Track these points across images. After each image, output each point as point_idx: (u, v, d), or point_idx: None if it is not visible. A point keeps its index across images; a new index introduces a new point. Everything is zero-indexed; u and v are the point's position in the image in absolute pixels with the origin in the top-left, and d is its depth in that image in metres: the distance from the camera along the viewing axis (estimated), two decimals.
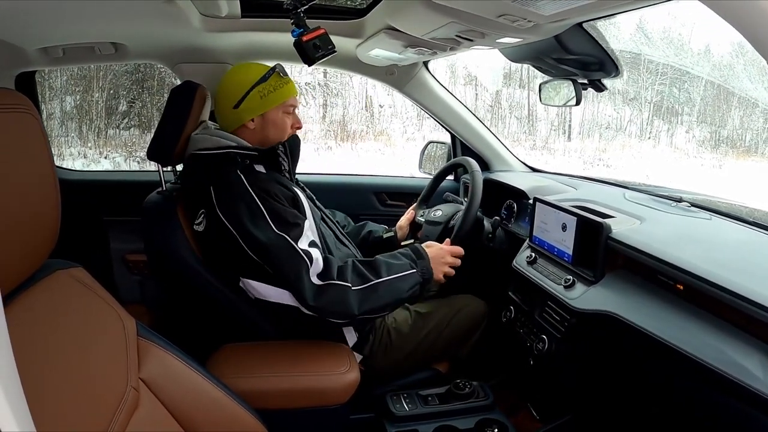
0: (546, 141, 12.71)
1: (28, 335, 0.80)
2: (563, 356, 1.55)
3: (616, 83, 12.88)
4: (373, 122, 12.55)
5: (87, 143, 10.01)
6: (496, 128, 12.53)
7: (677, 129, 12.81)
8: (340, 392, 1.48)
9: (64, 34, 1.93)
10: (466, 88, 13.02)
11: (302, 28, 1.45)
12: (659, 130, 12.87)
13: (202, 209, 1.60)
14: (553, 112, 12.76)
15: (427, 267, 1.61)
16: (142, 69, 10.09)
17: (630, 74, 12.78)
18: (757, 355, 1.01)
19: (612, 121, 12.97)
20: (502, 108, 13.06)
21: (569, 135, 12.85)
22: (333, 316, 1.50)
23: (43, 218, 0.85)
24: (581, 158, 12.10)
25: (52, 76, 9.69)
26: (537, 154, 12.06)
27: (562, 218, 1.60)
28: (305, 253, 1.48)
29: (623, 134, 12.87)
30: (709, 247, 1.33)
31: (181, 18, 1.70)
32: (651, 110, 12.86)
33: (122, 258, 2.41)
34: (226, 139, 1.62)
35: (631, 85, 12.88)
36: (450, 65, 12.64)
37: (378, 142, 12.07)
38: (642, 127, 12.90)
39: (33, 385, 0.73)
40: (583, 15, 1.29)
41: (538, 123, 13.00)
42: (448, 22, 1.32)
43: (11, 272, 0.78)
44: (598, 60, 1.61)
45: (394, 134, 12.26)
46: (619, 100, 12.99)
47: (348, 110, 12.41)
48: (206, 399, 1.14)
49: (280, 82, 1.66)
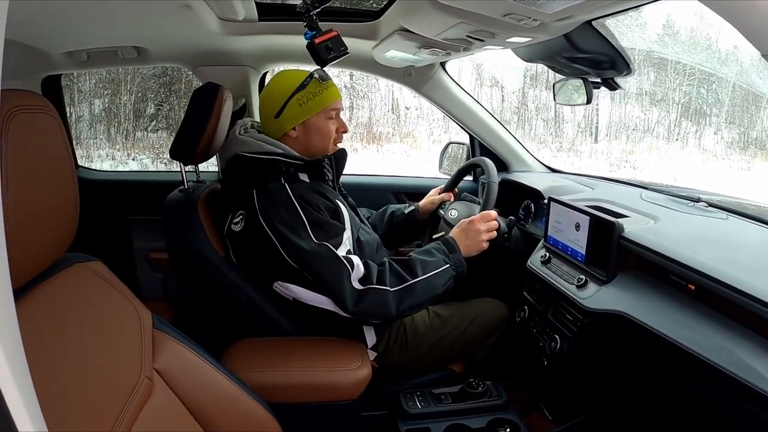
0: (572, 143, 12.60)
1: (45, 323, 0.83)
2: (575, 356, 1.54)
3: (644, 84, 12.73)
4: (399, 124, 12.57)
5: (115, 145, 10.21)
6: (522, 130, 12.49)
7: (705, 130, 12.58)
8: (351, 388, 1.50)
9: (88, 39, 1.99)
10: (492, 90, 12.97)
11: (315, 31, 1.47)
12: (687, 131, 12.66)
13: (241, 210, 1.62)
14: (580, 113, 12.65)
15: (460, 260, 1.64)
16: (169, 72, 10.25)
17: (657, 75, 12.62)
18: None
19: (639, 122, 12.80)
20: (529, 110, 12.98)
21: (596, 137, 12.71)
22: (373, 318, 1.56)
23: (62, 213, 0.88)
24: (607, 160, 11.96)
25: (80, 80, 9.90)
26: (563, 156, 11.95)
27: (575, 218, 1.59)
28: (347, 260, 1.51)
29: (650, 136, 12.69)
30: (722, 247, 1.32)
31: (199, 22, 1.74)
32: (679, 111, 12.66)
33: (145, 256, 2.47)
34: (271, 145, 1.65)
35: (659, 86, 12.69)
36: (476, 66, 12.62)
37: (404, 143, 12.09)
38: (669, 128, 12.71)
39: (49, 371, 0.78)
40: (587, 13, 1.29)
41: (564, 125, 12.88)
42: (457, 22, 1.34)
43: (30, 263, 0.82)
44: (609, 58, 1.61)
45: (420, 136, 12.27)
46: (646, 102, 12.81)
47: (374, 112, 12.44)
48: (219, 391, 1.16)
49: (319, 87, 1.66)
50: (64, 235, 0.91)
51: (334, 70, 2.16)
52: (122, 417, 0.88)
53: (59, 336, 0.85)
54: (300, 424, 1.45)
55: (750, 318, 1.07)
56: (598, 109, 12.59)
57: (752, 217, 1.51)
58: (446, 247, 1.66)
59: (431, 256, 1.63)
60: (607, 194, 1.88)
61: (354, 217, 1.77)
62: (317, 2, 1.42)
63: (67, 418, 0.77)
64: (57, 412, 0.75)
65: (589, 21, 1.44)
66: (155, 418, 0.99)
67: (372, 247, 1.80)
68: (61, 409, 0.77)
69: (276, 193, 1.56)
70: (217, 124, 1.74)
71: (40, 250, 0.84)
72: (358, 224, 1.78)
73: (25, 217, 0.75)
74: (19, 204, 0.73)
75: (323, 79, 1.66)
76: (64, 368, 0.82)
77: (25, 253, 0.78)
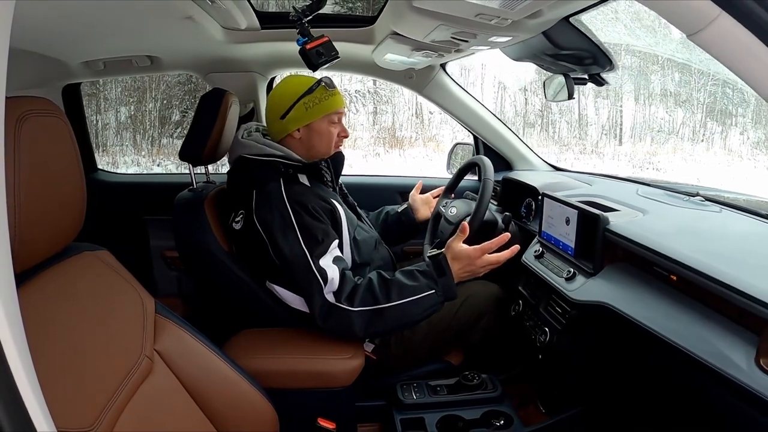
0: (596, 145, 12.48)
1: (52, 303, 0.92)
2: (564, 348, 1.57)
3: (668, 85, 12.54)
4: (423, 128, 12.58)
5: (141, 152, 10.41)
6: (546, 133, 12.39)
7: (731, 131, 12.34)
8: (344, 376, 1.56)
9: (104, 49, 2.10)
10: (517, 94, 12.92)
11: (307, 37, 1.55)
12: (713, 132, 12.43)
13: (242, 210, 1.70)
14: (604, 116, 12.52)
15: (450, 286, 1.58)
16: (194, 80, 10.42)
17: (682, 75, 12.43)
18: (743, 346, 1.01)
19: (664, 123, 12.61)
20: (552, 113, 12.89)
21: (620, 139, 12.56)
22: (340, 336, 1.59)
23: (69, 205, 0.97)
24: (631, 162, 11.81)
25: (107, 88, 10.15)
26: (586, 158, 11.84)
27: (565, 212, 1.63)
28: (320, 273, 1.55)
29: (675, 137, 12.49)
30: (707, 239, 1.34)
31: (204, 32, 1.83)
32: (704, 112, 12.44)
33: (161, 254, 2.57)
34: (271, 147, 1.72)
35: (683, 86, 12.50)
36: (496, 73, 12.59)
37: (427, 148, 12.08)
38: (695, 129, 12.50)
39: (53, 345, 0.87)
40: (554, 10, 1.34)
41: (588, 127, 12.76)
42: (437, 25, 1.40)
43: (39, 248, 0.91)
44: (590, 54, 1.65)
45: (443, 140, 12.25)
46: (671, 103, 12.62)
47: (398, 117, 12.47)
48: (217, 374, 1.23)
49: (325, 94, 1.72)
50: (71, 225, 0.99)
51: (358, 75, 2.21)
52: (120, 391, 0.96)
53: (64, 314, 0.94)
54: (294, 410, 1.50)
55: (729, 308, 1.09)
56: (622, 111, 12.45)
57: (747, 210, 1.52)
58: (436, 271, 1.60)
59: (413, 279, 1.59)
60: (604, 190, 1.90)
61: (352, 216, 1.83)
62: (308, 11, 1.49)
63: (67, 388, 0.85)
64: (57, 382, 0.83)
65: (567, 18, 1.48)
66: (153, 395, 1.06)
67: (369, 245, 1.85)
68: (62, 379, 0.85)
69: (272, 196, 1.63)
70: (223, 127, 1.83)
71: (48, 237, 0.93)
72: (356, 223, 1.84)
73: (34, 206, 0.84)
74: (30, 195, 0.82)
75: (330, 87, 1.73)
76: (67, 343, 0.91)
77: (34, 239, 0.87)
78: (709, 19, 0.63)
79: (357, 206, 2.01)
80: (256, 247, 1.63)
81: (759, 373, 0.95)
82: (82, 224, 1.02)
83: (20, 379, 0.58)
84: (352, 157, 10.83)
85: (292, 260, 1.56)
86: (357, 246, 1.78)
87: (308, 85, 1.71)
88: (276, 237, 1.58)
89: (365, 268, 1.79)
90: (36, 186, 0.84)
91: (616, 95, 12.41)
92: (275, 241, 1.58)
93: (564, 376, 1.68)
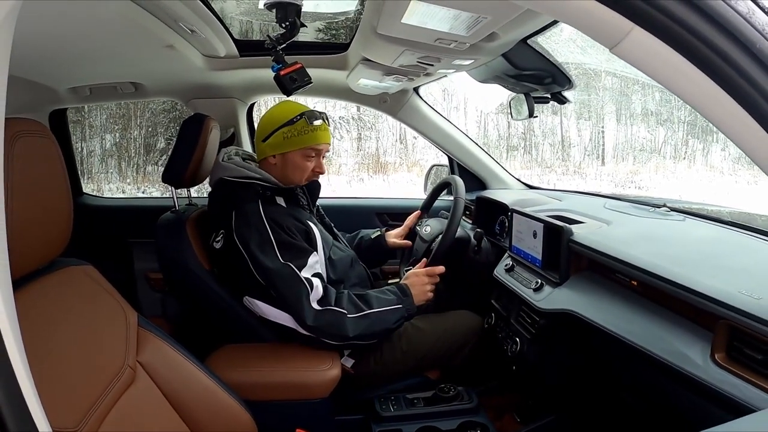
0: (579, 166, 12.57)
1: (37, 313, 0.98)
2: (535, 356, 1.61)
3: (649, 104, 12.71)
4: (407, 154, 12.63)
5: (126, 179, 10.36)
6: (530, 155, 12.49)
7: (712, 147, 12.50)
8: (322, 387, 1.60)
9: (90, 75, 2.17)
10: (499, 117, 13.03)
11: (281, 63, 1.62)
12: (694, 149, 12.58)
13: (222, 229, 1.75)
14: (586, 137, 12.64)
15: (411, 304, 1.74)
16: (179, 107, 10.44)
17: (662, 94, 12.60)
18: (699, 344, 1.05)
19: (646, 143, 12.76)
20: (536, 135, 13.00)
21: (603, 159, 12.68)
22: (328, 337, 1.63)
23: (57, 221, 1.03)
24: (613, 181, 11.91)
25: (92, 115, 10.10)
26: (568, 179, 11.92)
27: (533, 226, 1.69)
28: (306, 281, 1.62)
29: (657, 156, 12.63)
30: (664, 244, 1.39)
31: (186, 60, 1.91)
32: (685, 130, 12.62)
33: (145, 276, 2.61)
34: (250, 170, 1.77)
35: (664, 105, 12.68)
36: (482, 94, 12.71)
37: (411, 173, 12.12)
38: (676, 147, 12.65)
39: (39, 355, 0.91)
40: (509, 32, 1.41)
41: (571, 149, 12.87)
42: (402, 50, 1.48)
43: (26, 260, 0.96)
44: (549, 73, 1.73)
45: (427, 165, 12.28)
46: (652, 122, 12.78)
47: (382, 142, 12.53)
48: (198, 386, 1.28)
49: (306, 128, 1.75)
50: (58, 240, 1.05)
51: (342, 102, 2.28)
52: (103, 398, 1.01)
53: (49, 324, 0.99)
54: (273, 421, 1.53)
55: (686, 308, 1.13)
56: (604, 131, 12.59)
57: (710, 218, 1.58)
58: (400, 292, 1.76)
59: (385, 294, 1.74)
60: (572, 205, 1.96)
61: (327, 236, 1.89)
62: (282, 39, 1.56)
63: (53, 392, 0.90)
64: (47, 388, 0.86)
65: (525, 40, 1.56)
66: (135, 404, 1.11)
67: (345, 263, 1.91)
68: (51, 386, 0.90)
69: (251, 216, 1.68)
70: (204, 151, 1.89)
71: (36, 250, 0.99)
72: (331, 243, 1.90)
73: (24, 221, 0.90)
74: (20, 211, 0.88)
75: (311, 122, 1.75)
76: (51, 352, 0.96)
77: (22, 252, 0.92)
78: (624, 33, 0.67)
79: (333, 227, 2.07)
80: (236, 265, 1.68)
81: (714, 368, 0.99)
82: (69, 239, 1.08)
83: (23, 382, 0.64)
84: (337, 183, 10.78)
85: (276, 271, 1.61)
86: (332, 264, 1.84)
87: (291, 116, 1.76)
88: (256, 253, 1.63)
89: (340, 285, 1.85)
90: (25, 201, 0.90)
91: (597, 116, 12.55)
92: (256, 257, 1.63)
93: (536, 385, 1.73)
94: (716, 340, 1.02)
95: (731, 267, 1.17)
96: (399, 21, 1.19)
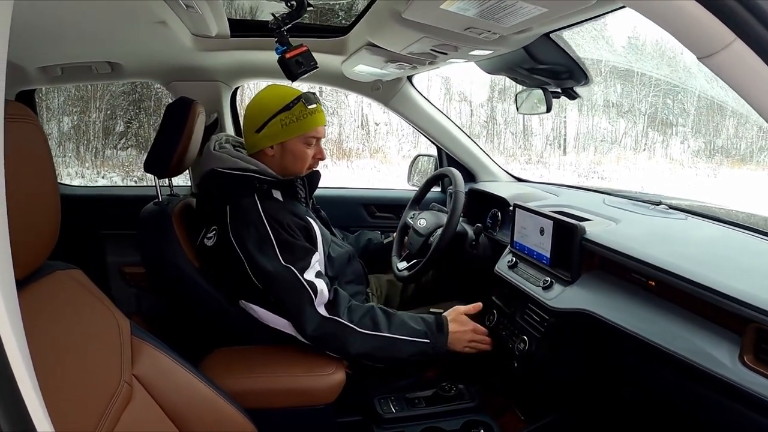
0: (541, 155, 12.77)
1: (27, 328, 0.85)
2: (544, 356, 1.57)
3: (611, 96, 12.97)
4: (369, 140, 12.59)
5: (84, 163, 10.07)
6: (491, 144, 12.60)
7: (672, 140, 12.86)
8: (326, 392, 1.54)
9: (63, 54, 2.01)
10: (461, 105, 13.09)
11: (285, 46, 1.51)
12: (654, 141, 12.92)
13: (214, 225, 1.64)
14: (548, 126, 12.83)
15: (443, 344, 1.63)
16: (138, 89, 10.17)
17: (624, 87, 12.87)
18: (725, 344, 1.04)
19: (607, 134, 13.03)
20: (498, 124, 13.12)
21: (564, 149, 12.89)
22: (328, 349, 1.57)
23: (44, 222, 0.90)
24: (576, 171, 12.14)
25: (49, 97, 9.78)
26: (532, 168, 12.10)
27: (540, 222, 1.64)
28: (310, 285, 1.53)
29: (618, 147, 12.92)
30: (680, 244, 1.37)
31: (173, 38, 1.77)
32: (645, 122, 12.92)
33: (119, 270, 2.48)
34: (245, 161, 1.66)
35: (625, 97, 12.95)
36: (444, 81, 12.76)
37: (374, 159, 12.11)
38: (637, 139, 12.96)
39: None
40: (542, 25, 1.35)
41: (533, 138, 13.05)
42: (420, 37, 1.39)
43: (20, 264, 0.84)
44: (567, 69, 1.68)
45: (389, 152, 12.30)
46: (613, 113, 13.05)
47: (344, 128, 12.46)
48: (197, 397, 1.19)
49: (304, 111, 1.65)
50: (46, 243, 0.93)
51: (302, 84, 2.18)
52: (102, 424, 0.90)
53: (41, 340, 0.87)
54: (276, 428, 1.47)
55: (707, 308, 1.11)
56: (566, 122, 12.79)
57: (709, 217, 1.58)
58: (436, 326, 1.65)
59: (416, 323, 1.64)
60: (571, 200, 1.93)
61: (326, 233, 1.80)
62: (288, 19, 1.46)
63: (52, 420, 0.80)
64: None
65: (547, 33, 1.51)
66: (135, 423, 1.01)
67: (343, 259, 1.83)
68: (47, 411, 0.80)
69: (248, 212, 1.58)
70: (191, 139, 1.77)
71: (23, 257, 0.86)
72: (329, 240, 1.81)
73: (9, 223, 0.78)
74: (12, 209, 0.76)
75: (309, 103, 1.65)
76: (46, 373, 0.84)
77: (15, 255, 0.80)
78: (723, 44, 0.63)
79: (329, 223, 1.98)
80: (231, 265, 1.58)
81: (744, 370, 0.98)
82: (57, 239, 0.96)
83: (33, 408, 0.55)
84: None
85: (277, 275, 1.52)
86: (331, 262, 1.76)
87: (288, 99, 1.65)
88: (254, 254, 1.54)
89: (335, 282, 1.75)
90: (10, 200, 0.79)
91: (559, 106, 12.76)
92: (253, 258, 1.54)
93: (543, 383, 1.70)
94: (745, 342, 1.01)
95: (748, 268, 1.19)
96: (437, 6, 1.11)
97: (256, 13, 2.19)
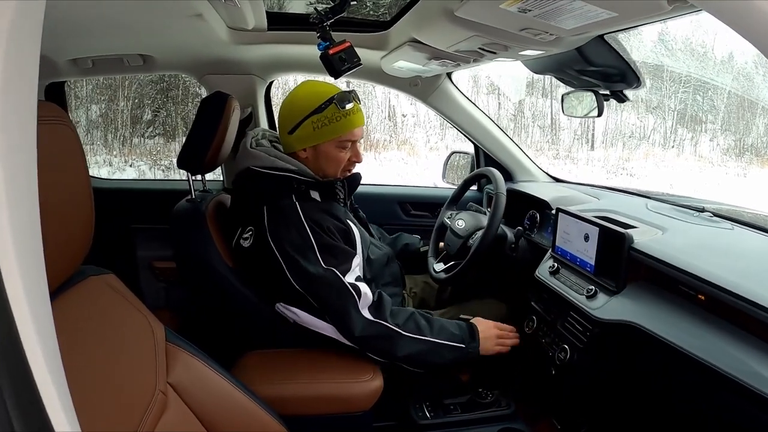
0: (569, 150, 12.62)
1: (61, 338, 0.82)
2: (585, 366, 1.54)
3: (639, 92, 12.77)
4: (396, 131, 12.55)
5: (112, 151, 10.16)
6: (518, 137, 12.49)
7: (701, 137, 12.63)
8: (364, 399, 1.51)
9: (94, 47, 2.00)
10: (489, 98, 12.97)
11: (328, 42, 1.47)
12: (683, 138, 12.70)
13: (250, 226, 1.60)
14: (576, 121, 12.65)
15: (476, 349, 1.62)
16: (166, 78, 10.21)
17: (653, 83, 12.65)
18: None
19: (636, 129, 12.84)
20: (525, 117, 12.99)
21: (592, 144, 12.73)
22: (374, 351, 1.54)
23: (78, 226, 0.87)
24: (604, 167, 11.99)
25: (78, 86, 9.85)
26: (560, 164, 11.97)
27: (584, 228, 1.59)
28: (353, 287, 1.50)
29: (647, 143, 12.73)
30: (731, 257, 1.32)
31: (209, 31, 1.75)
32: (675, 118, 12.71)
33: (149, 265, 2.47)
34: (284, 161, 1.60)
35: (654, 93, 12.73)
36: (473, 75, 12.63)
37: (401, 151, 12.06)
38: (665, 135, 12.75)
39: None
40: (603, 28, 1.30)
41: (561, 132, 12.90)
42: (471, 35, 1.35)
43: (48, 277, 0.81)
44: (619, 71, 1.62)
45: (417, 143, 12.26)
46: (642, 109, 12.85)
47: (371, 120, 12.42)
48: (232, 404, 1.16)
49: (337, 114, 1.57)
50: (81, 248, 0.90)
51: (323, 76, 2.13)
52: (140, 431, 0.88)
53: (76, 350, 0.85)
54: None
55: (758, 327, 1.07)
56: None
57: (756, 227, 1.52)
58: (469, 333, 1.64)
59: (454, 328, 1.63)
60: (613, 205, 1.88)
61: (365, 234, 1.76)
62: (330, 13, 1.42)
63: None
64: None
65: (602, 35, 1.45)
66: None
67: (381, 262, 1.79)
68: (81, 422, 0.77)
69: (287, 214, 1.54)
70: (225, 134, 1.74)
71: (58, 264, 0.83)
72: (368, 242, 1.77)
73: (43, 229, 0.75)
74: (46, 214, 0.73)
75: (342, 105, 1.57)
76: (81, 382, 0.81)
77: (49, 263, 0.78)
78: None
79: (367, 222, 1.95)
80: (269, 267, 1.54)
81: None
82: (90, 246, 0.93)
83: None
84: None
85: (319, 277, 1.49)
86: (369, 264, 1.72)
87: (323, 99, 1.57)
88: (295, 258, 1.50)
89: (372, 284, 1.70)
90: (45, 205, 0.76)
91: None
92: (294, 261, 1.50)
93: (582, 393, 1.66)
94: None
95: None
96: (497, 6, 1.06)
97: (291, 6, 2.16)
